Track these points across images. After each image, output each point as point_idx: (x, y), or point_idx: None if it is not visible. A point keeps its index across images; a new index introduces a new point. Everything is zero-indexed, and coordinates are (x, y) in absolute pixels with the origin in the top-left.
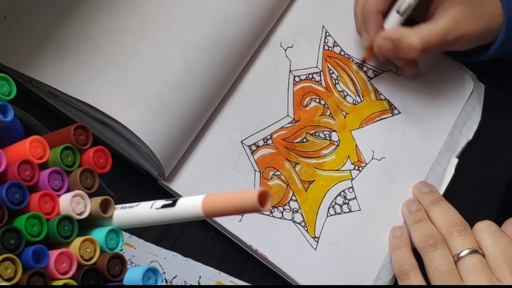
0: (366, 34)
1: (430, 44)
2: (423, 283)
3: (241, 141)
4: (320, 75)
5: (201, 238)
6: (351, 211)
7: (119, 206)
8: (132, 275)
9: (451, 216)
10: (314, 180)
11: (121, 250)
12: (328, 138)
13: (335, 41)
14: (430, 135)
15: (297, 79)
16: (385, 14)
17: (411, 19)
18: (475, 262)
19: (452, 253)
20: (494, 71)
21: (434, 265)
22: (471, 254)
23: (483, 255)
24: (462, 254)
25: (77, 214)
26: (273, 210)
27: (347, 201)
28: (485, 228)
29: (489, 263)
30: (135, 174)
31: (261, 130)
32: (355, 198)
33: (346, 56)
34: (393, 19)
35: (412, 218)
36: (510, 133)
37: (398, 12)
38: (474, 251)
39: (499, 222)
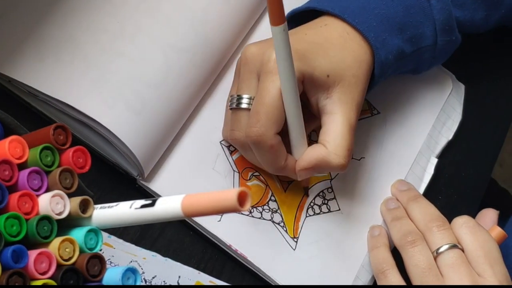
0: (291, 177)
1: (349, 148)
2: (401, 282)
3: (220, 142)
4: None
5: (181, 238)
6: (330, 211)
7: (98, 206)
8: (112, 275)
9: (429, 212)
10: (293, 181)
11: (100, 250)
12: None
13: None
14: (409, 135)
15: None
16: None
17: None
18: (454, 257)
19: (431, 249)
20: (474, 71)
21: (413, 262)
22: (451, 249)
23: (462, 250)
24: (442, 249)
25: (56, 214)
26: (252, 210)
27: (326, 201)
28: (463, 223)
29: (469, 258)
30: (114, 174)
31: None
32: (334, 198)
33: None
34: (298, 147)
35: (390, 215)
36: (490, 133)
37: None
38: (454, 246)
39: None
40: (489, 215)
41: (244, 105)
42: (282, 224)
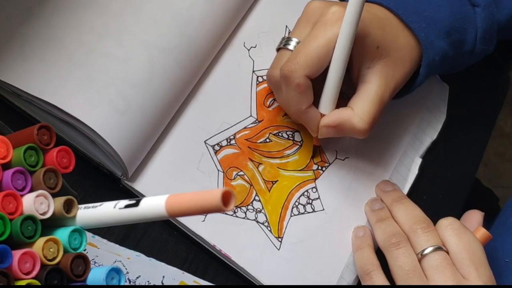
0: (308, 128)
1: (374, 117)
2: (385, 282)
3: (205, 141)
4: None
5: (165, 238)
6: (315, 211)
7: (83, 206)
8: (96, 275)
9: (414, 213)
10: (277, 180)
11: (84, 250)
12: (291, 138)
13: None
14: (394, 135)
15: (260, 79)
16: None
17: None
18: (439, 259)
19: (416, 251)
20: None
21: (397, 264)
22: (436, 251)
23: (447, 252)
24: (426, 251)
25: (41, 214)
26: (236, 210)
27: (310, 201)
28: (448, 224)
29: (454, 260)
30: (98, 174)
31: (224, 130)
32: (318, 198)
33: None
34: (326, 101)
35: (375, 216)
36: (474, 133)
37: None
38: (438, 248)
39: None
40: (474, 217)
41: (290, 47)
42: (266, 224)
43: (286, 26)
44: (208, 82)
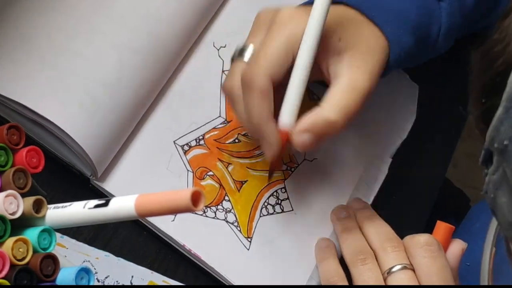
0: (267, 144)
1: (347, 105)
2: None
3: (174, 141)
4: None
5: (134, 238)
6: (284, 211)
7: (52, 206)
8: (65, 275)
9: (385, 231)
10: (246, 180)
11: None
12: None
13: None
14: (363, 135)
15: None
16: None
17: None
18: (406, 278)
19: (383, 268)
20: (428, 71)
21: (362, 278)
22: (403, 270)
23: (413, 270)
24: (394, 269)
25: (10, 214)
26: (206, 210)
27: (279, 201)
28: (424, 243)
29: (421, 282)
30: (68, 174)
31: (193, 131)
32: (287, 198)
33: None
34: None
35: (341, 226)
36: (444, 134)
37: None
38: (406, 267)
39: (432, 222)
40: (456, 246)
41: (246, 54)
42: (236, 224)
43: None
44: (177, 82)
